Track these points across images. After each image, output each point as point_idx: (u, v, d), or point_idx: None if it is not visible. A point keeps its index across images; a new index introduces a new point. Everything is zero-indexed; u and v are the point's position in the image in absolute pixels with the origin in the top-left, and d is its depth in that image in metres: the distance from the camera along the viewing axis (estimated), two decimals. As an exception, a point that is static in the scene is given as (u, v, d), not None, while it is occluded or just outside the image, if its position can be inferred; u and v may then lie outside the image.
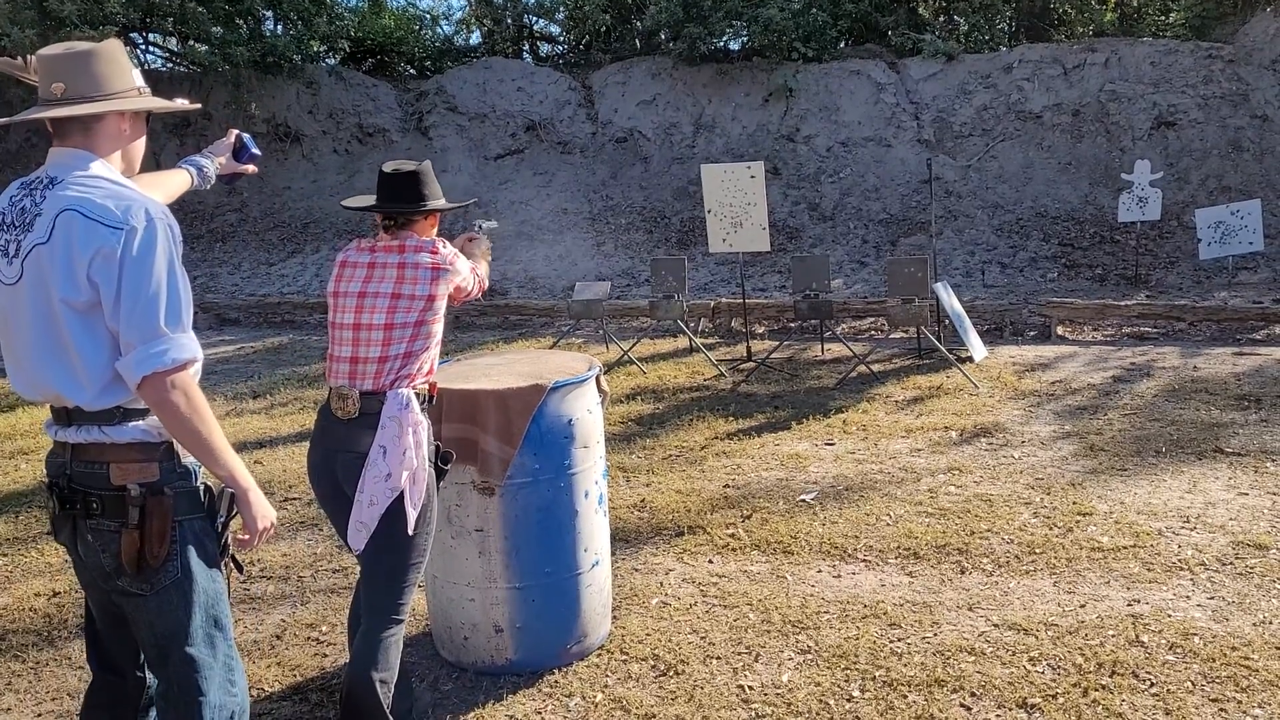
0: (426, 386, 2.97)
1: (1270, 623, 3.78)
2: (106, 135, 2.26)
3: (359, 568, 3.05)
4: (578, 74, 17.51)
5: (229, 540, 2.39)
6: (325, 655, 3.88)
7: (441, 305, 2.96)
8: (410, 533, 2.87)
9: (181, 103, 2.52)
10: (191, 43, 17.72)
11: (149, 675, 2.48)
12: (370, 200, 3.05)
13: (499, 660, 3.64)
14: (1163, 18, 17.86)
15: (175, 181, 2.78)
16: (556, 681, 3.59)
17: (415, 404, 2.87)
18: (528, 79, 17.30)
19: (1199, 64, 14.46)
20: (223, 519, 2.34)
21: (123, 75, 2.28)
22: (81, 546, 2.26)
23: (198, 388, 2.21)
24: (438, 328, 2.98)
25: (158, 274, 2.12)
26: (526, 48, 20.79)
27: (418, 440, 2.85)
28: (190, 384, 2.18)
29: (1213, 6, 16.36)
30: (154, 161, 18.75)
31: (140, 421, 2.21)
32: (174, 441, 2.25)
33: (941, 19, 17.70)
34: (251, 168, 3.04)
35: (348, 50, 18.48)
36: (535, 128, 16.71)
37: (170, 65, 18.95)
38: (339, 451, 2.89)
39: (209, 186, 2.94)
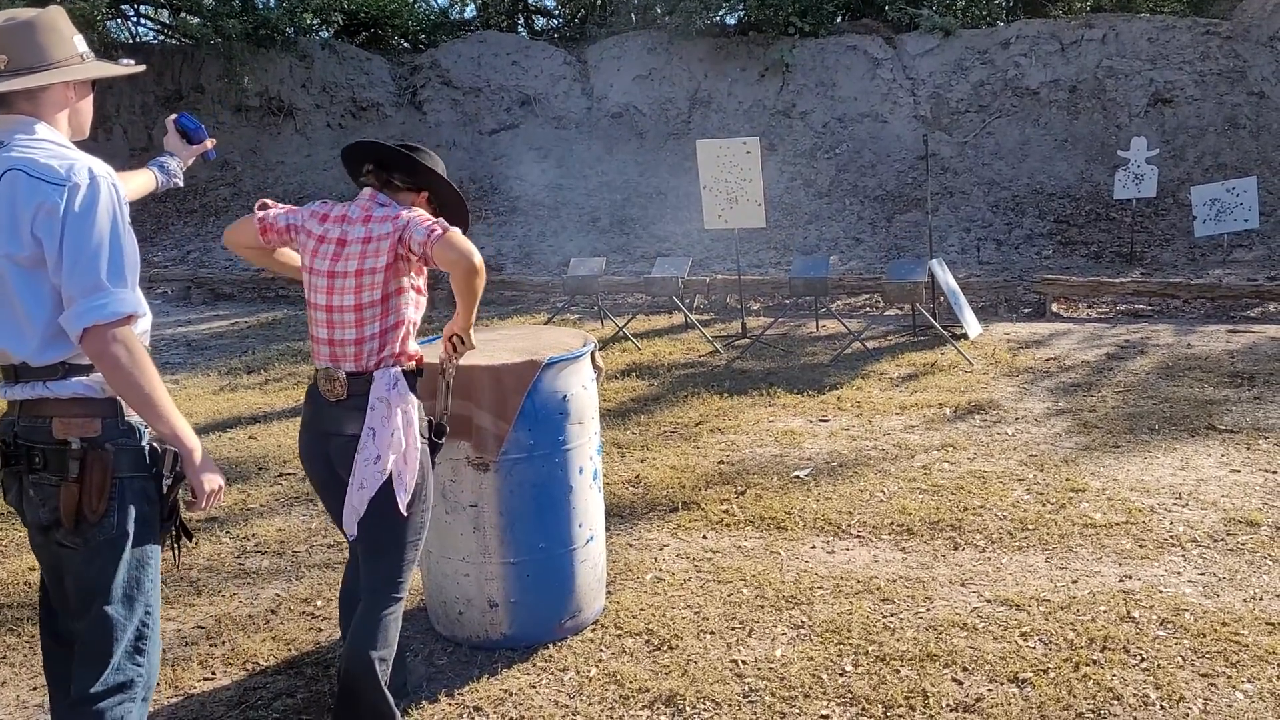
0: (414, 362, 2.91)
1: (1260, 598, 3.80)
2: (51, 103, 2.29)
3: (352, 546, 3.05)
4: (573, 48, 17.39)
5: (177, 503, 2.38)
6: (320, 630, 3.89)
7: (405, 273, 2.82)
8: (405, 512, 2.85)
9: (125, 66, 2.51)
10: (183, 15, 17.59)
11: None
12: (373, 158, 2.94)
13: (494, 635, 3.65)
14: (1161, -7, 17.75)
15: (138, 181, 2.80)
16: (551, 656, 3.60)
17: (404, 382, 2.83)
18: (522, 53, 17.18)
19: (1196, 40, 14.40)
20: (167, 480, 2.33)
21: (64, 43, 2.30)
22: (25, 503, 2.30)
23: (140, 343, 2.22)
24: (409, 297, 2.86)
25: (99, 229, 2.15)
26: (521, 21, 20.65)
27: (408, 420, 2.81)
28: (131, 338, 2.19)
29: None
30: (147, 135, 18.59)
31: (83, 377, 2.24)
32: (118, 400, 2.26)
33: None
34: (210, 141, 3.03)
35: (341, 23, 18.34)
36: (530, 102, 16.61)
37: (161, 38, 18.80)
38: (330, 435, 2.87)
39: (180, 183, 2.94)
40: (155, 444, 2.33)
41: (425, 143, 3.02)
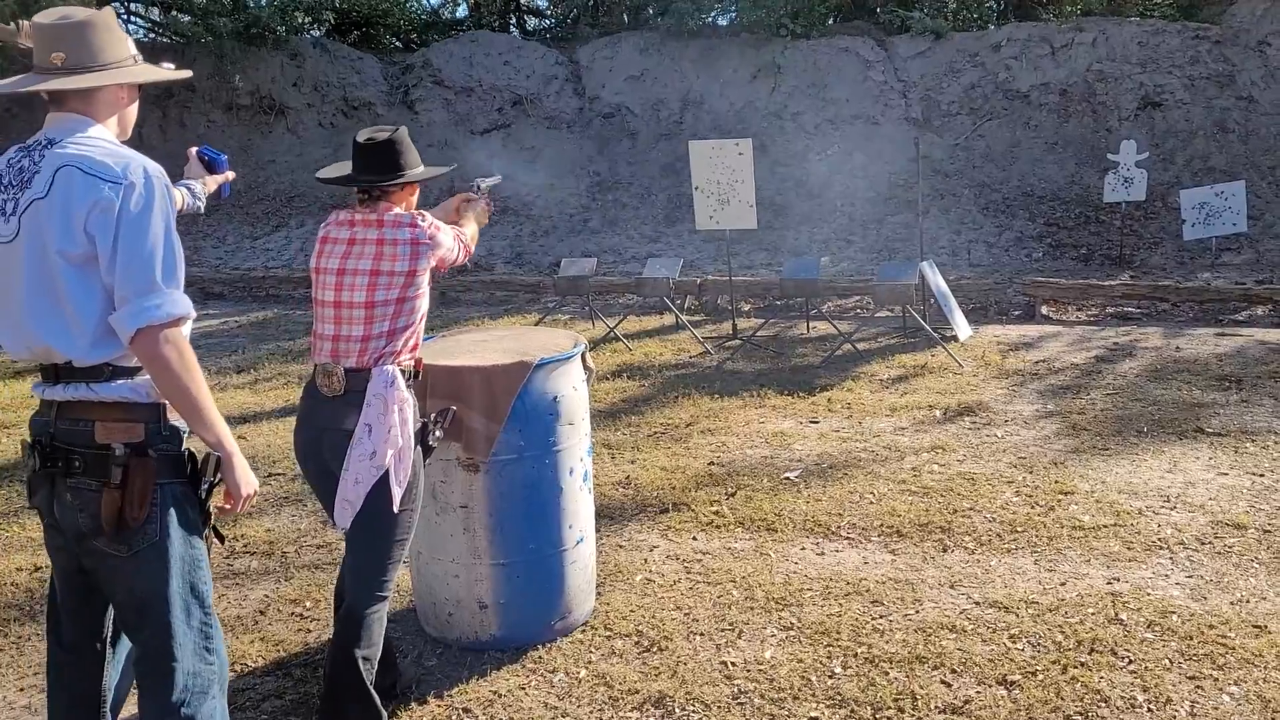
0: (412, 363, 2.94)
1: (1247, 601, 3.82)
2: (105, 103, 2.29)
3: (344, 544, 3.04)
4: (565, 48, 17.39)
5: (210, 508, 2.38)
6: (309, 631, 3.88)
7: (424, 280, 2.92)
8: (395, 510, 2.86)
9: (171, 70, 2.52)
10: (174, 13, 17.52)
11: (109, 650, 2.47)
12: (346, 170, 3.01)
13: (483, 636, 3.65)
14: (1151, -2, 17.83)
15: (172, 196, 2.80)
16: (540, 657, 3.60)
17: (401, 381, 2.84)
18: (515, 53, 17.17)
19: (1186, 44, 14.47)
20: (208, 484, 2.33)
21: (119, 44, 2.30)
22: (58, 506, 2.25)
23: (189, 346, 2.22)
24: (421, 303, 2.94)
25: (154, 230, 2.14)
26: (513, 21, 20.64)
27: (403, 418, 2.83)
28: (182, 340, 2.19)
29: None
30: (138, 135, 18.60)
31: (128, 380, 2.21)
32: (161, 404, 2.24)
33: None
34: (230, 174, 3.09)
35: (332, 22, 18.29)
36: (522, 102, 16.60)
37: (152, 35, 18.72)
38: (326, 430, 2.87)
39: (202, 208, 2.98)
40: (193, 450, 2.32)
41: (418, 142, 2.98)
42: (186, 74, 2.60)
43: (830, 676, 3.41)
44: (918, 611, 3.84)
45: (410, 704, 3.32)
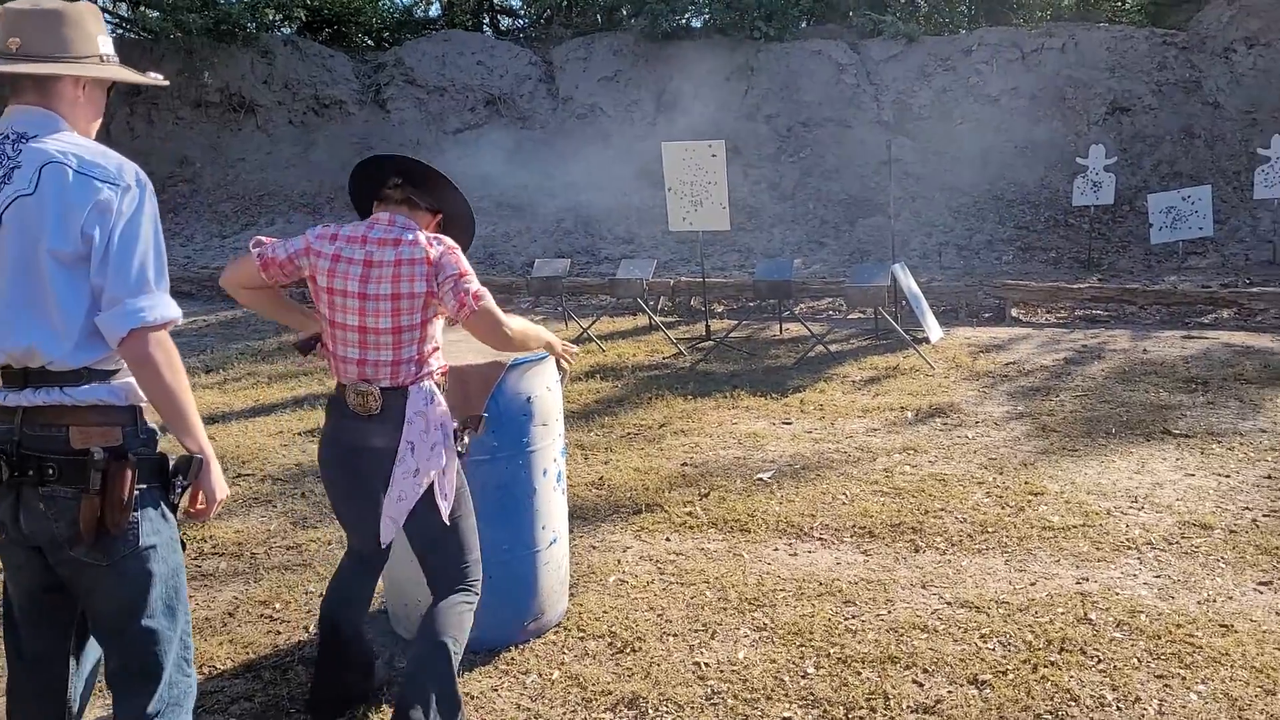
0: (441, 374, 2.91)
1: (1214, 601, 3.86)
2: (61, 98, 2.20)
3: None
4: (538, 48, 17.37)
5: (178, 513, 2.32)
6: (279, 633, 3.84)
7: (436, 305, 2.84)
8: (448, 521, 2.87)
9: (151, 77, 2.42)
10: (142, 8, 17.33)
11: (74, 661, 2.39)
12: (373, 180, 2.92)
13: (455, 637, 3.62)
14: (1120, 3, 18.05)
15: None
16: (513, 659, 3.58)
17: (438, 395, 2.82)
18: (488, 52, 17.13)
19: (1154, 51, 14.64)
20: (183, 486, 2.27)
21: (85, 40, 2.21)
22: (26, 517, 2.14)
23: (176, 349, 2.19)
24: (440, 322, 2.88)
25: (146, 233, 2.12)
26: (486, 20, 20.58)
27: (445, 433, 2.81)
28: (170, 344, 2.17)
29: (1168, -7, 16.57)
30: (106, 133, 18.29)
31: (103, 383, 2.15)
32: (138, 407, 2.20)
33: (903, 0, 17.76)
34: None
35: (304, 19, 18.17)
36: (495, 102, 16.56)
37: (120, 31, 18.51)
38: (361, 449, 2.82)
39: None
40: (164, 452, 2.26)
41: (389, 141, 2.93)
42: (161, 81, 2.49)
43: (803, 677, 3.41)
44: (890, 611, 3.86)
45: (383, 705, 3.29)
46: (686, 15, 16.61)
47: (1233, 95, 14.07)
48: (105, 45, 2.25)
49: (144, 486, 2.18)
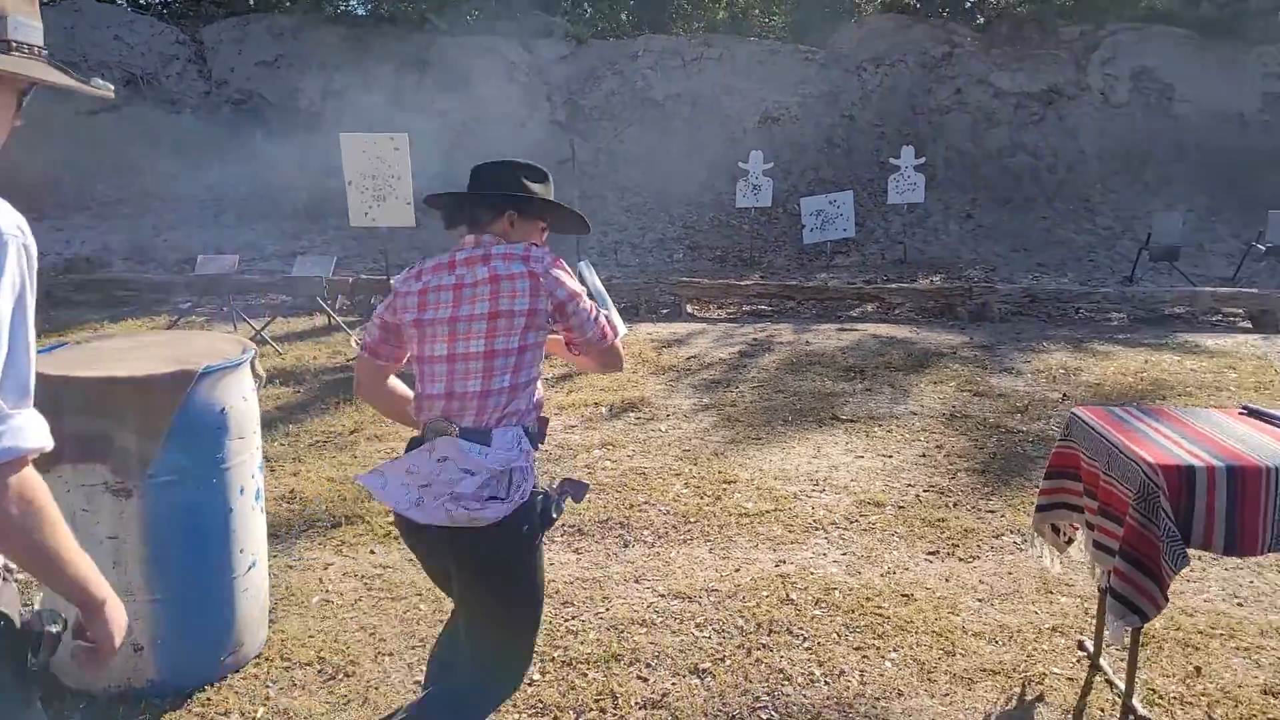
0: (536, 422, 2.47)
1: (894, 573, 4.21)
2: None
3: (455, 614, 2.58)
4: (186, 26, 16.00)
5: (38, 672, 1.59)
6: None
7: (544, 323, 2.44)
8: (514, 607, 2.47)
9: (97, 87, 1.62)
10: None
11: None
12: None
13: (139, 683, 3.20)
14: (767, 20, 19.48)
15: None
16: (209, 699, 3.23)
17: (527, 442, 2.39)
18: (126, 27, 15.56)
19: (798, 65, 15.93)
20: (36, 664, 1.56)
21: None
22: None
23: (42, 486, 1.45)
24: (540, 352, 2.46)
25: None
26: (124, -9, 18.68)
27: (523, 493, 2.35)
28: (32, 485, 1.43)
29: (809, 12, 18.09)
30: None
31: None
32: None
33: (570, 2, 18.14)
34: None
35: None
36: (137, 82, 15.07)
37: None
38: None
39: None
40: (12, 616, 1.54)
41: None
42: (105, 93, 1.65)
43: (529, 684, 3.33)
44: (608, 609, 3.87)
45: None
46: (350, 1, 15.99)
47: (864, 109, 15.60)
48: (14, 29, 1.47)
49: None
